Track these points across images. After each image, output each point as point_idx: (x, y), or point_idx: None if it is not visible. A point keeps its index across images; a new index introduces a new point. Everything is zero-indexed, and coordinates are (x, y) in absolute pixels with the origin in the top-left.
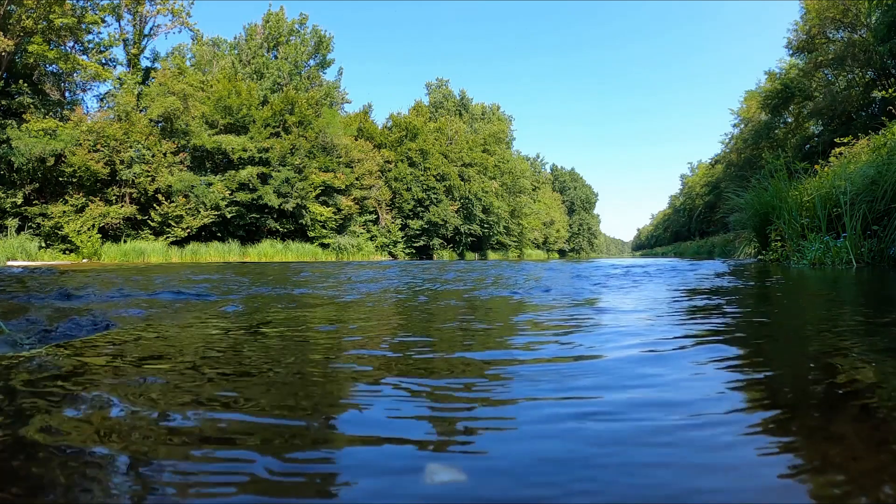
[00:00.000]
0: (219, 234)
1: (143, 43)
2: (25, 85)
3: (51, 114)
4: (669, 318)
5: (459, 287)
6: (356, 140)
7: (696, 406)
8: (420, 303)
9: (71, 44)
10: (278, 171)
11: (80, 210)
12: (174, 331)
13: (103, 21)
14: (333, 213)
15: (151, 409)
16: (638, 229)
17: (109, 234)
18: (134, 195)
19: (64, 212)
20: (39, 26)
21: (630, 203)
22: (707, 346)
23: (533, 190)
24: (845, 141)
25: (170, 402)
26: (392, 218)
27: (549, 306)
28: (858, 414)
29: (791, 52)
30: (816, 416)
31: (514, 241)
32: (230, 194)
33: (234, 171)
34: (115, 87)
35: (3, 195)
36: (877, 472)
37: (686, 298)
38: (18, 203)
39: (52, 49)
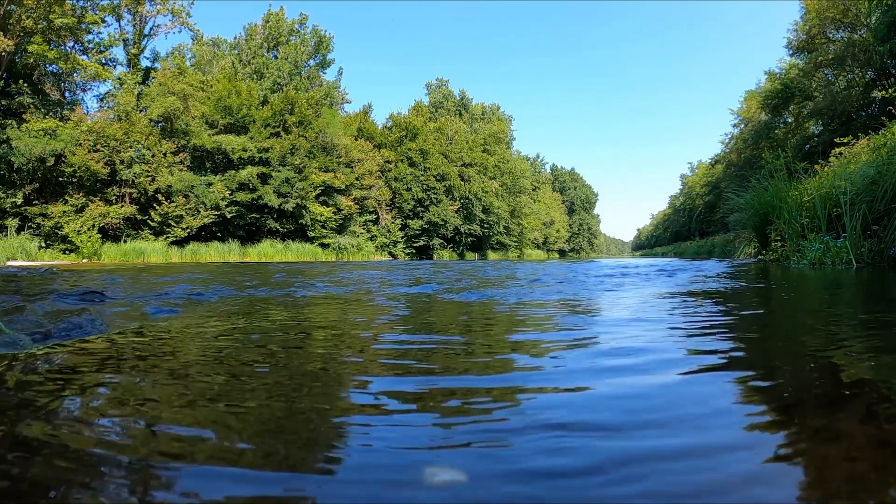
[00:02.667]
0: (219, 234)
1: (143, 43)
2: (25, 85)
3: (51, 114)
4: (670, 329)
5: (448, 288)
6: (356, 140)
7: (710, 458)
8: (399, 310)
9: (71, 44)
10: (278, 171)
11: (80, 210)
12: (172, 332)
13: (103, 21)
14: (333, 213)
15: (149, 410)
16: (638, 229)
17: (109, 234)
18: (134, 195)
19: (64, 212)
20: (39, 26)
21: (630, 203)
22: (711, 365)
23: (533, 190)
24: (845, 141)
25: (167, 402)
26: (392, 218)
27: (542, 317)
28: (862, 414)
29: (791, 52)
30: (820, 417)
31: (514, 241)
32: (230, 194)
33: (234, 171)
34: (115, 87)
35: (3, 195)
36: (879, 472)
37: (687, 303)
38: (18, 203)
39: (52, 49)
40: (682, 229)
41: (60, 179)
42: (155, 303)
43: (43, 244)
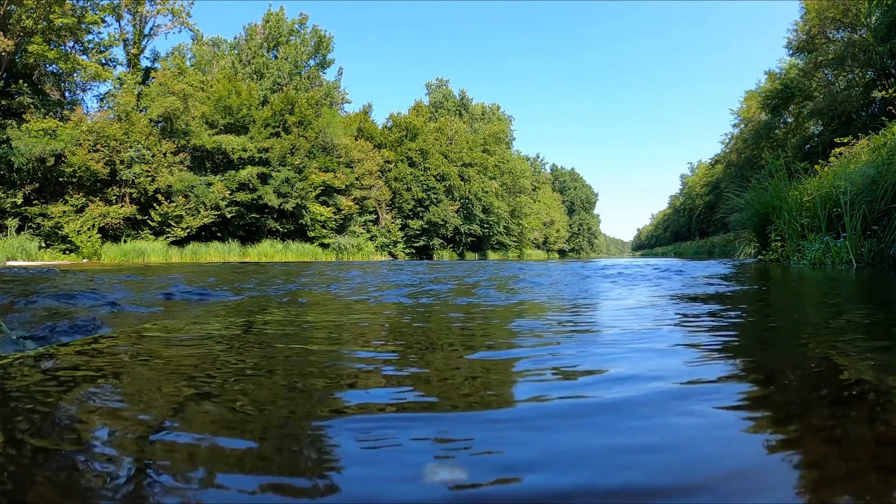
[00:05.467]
0: (219, 234)
1: (143, 43)
2: (25, 85)
3: (51, 114)
4: (677, 344)
5: (442, 290)
6: (356, 140)
7: None
8: (378, 318)
9: (71, 44)
10: (278, 171)
11: (80, 210)
12: (171, 332)
13: (103, 21)
14: (333, 213)
15: (148, 411)
16: (638, 229)
17: (109, 234)
18: (134, 195)
19: (64, 212)
20: (39, 26)
21: (630, 203)
22: (740, 397)
23: (533, 190)
24: (845, 141)
25: (166, 403)
26: (392, 218)
27: (532, 330)
28: (862, 415)
29: (791, 52)
30: (821, 417)
31: (514, 241)
32: (230, 194)
33: (234, 171)
34: (115, 87)
35: (3, 195)
36: (879, 472)
37: (689, 309)
38: (18, 203)
39: (52, 49)
40: (682, 229)
41: (60, 179)
42: (151, 303)
43: (43, 244)
